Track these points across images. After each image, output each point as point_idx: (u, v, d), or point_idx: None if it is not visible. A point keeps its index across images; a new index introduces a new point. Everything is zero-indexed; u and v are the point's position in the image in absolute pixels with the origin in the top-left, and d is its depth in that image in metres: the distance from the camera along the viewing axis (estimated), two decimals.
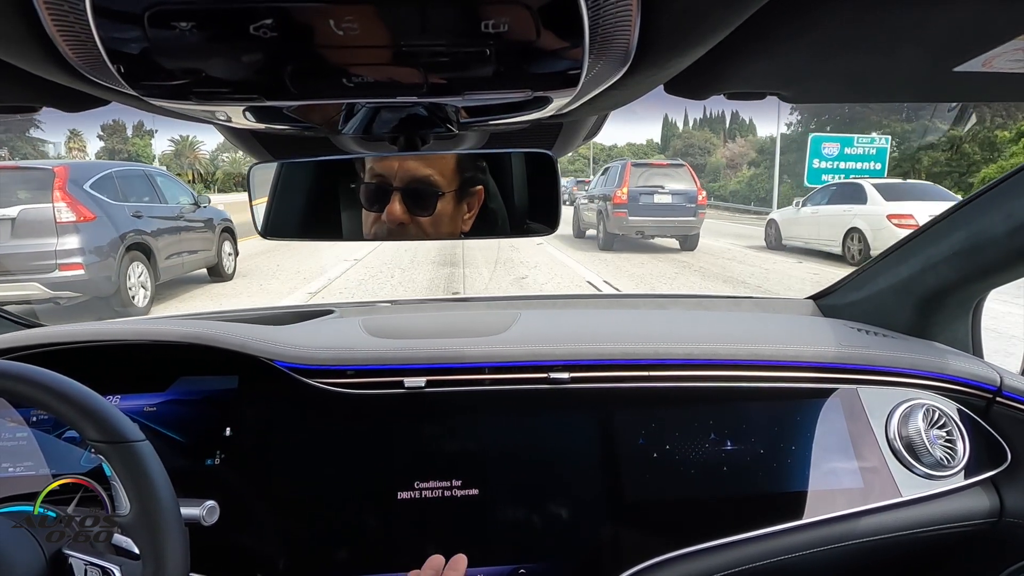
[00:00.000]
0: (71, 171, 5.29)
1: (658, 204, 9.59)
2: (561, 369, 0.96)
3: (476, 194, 0.71)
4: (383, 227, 0.69)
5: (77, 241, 5.00)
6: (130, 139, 45.70)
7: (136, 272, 5.60)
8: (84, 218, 5.10)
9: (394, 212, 0.68)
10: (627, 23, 0.38)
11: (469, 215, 0.71)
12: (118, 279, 5.28)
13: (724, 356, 0.98)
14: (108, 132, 45.69)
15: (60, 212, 4.98)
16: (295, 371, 0.93)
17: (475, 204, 0.71)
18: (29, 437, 0.89)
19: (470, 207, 0.71)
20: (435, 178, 0.68)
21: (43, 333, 0.99)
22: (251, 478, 0.90)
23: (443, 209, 0.69)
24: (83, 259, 5.01)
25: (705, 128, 52.84)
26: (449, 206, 0.70)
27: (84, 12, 0.34)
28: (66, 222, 5.00)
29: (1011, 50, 0.48)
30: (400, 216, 0.68)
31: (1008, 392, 1.00)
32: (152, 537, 0.60)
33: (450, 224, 0.70)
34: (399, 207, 0.68)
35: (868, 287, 1.23)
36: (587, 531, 0.90)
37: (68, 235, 4.99)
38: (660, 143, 67.22)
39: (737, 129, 51.50)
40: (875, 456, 0.95)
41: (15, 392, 0.61)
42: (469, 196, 0.70)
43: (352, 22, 0.36)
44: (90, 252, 5.07)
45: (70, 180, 5.13)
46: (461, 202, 0.70)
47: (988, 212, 0.97)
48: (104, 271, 5.17)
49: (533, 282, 6.85)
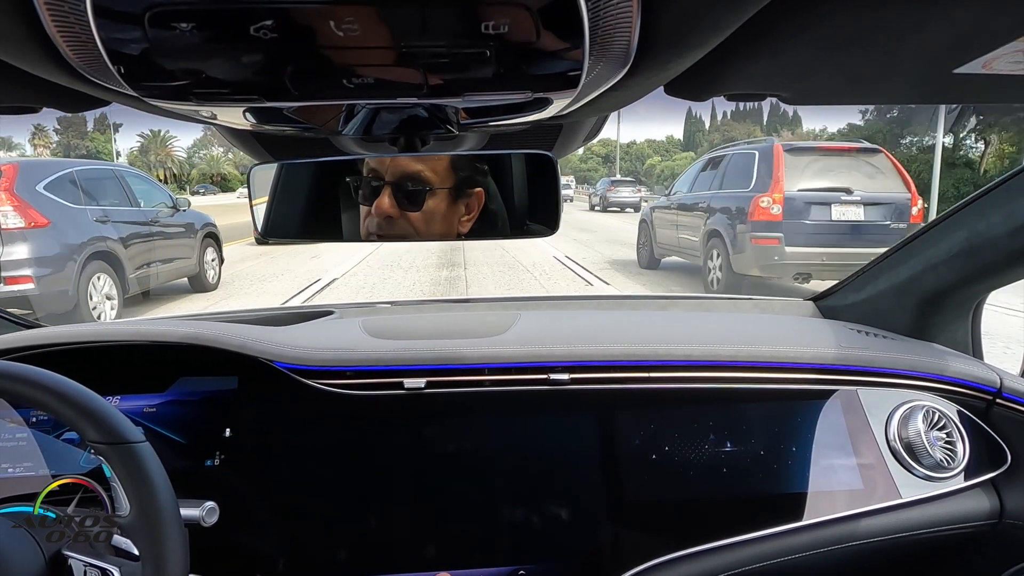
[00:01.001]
0: (20, 170, 4.62)
1: (841, 223, 5.27)
2: (561, 370, 0.96)
3: (475, 196, 0.70)
4: (374, 222, 0.69)
5: (26, 250, 4.35)
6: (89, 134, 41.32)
7: (101, 285, 4.94)
8: (35, 224, 4.45)
9: (382, 205, 0.68)
10: (627, 24, 0.38)
11: (467, 217, 0.70)
12: (76, 293, 4.61)
13: (724, 357, 0.98)
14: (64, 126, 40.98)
15: (6, 217, 4.33)
16: (295, 372, 0.93)
17: (475, 207, 0.70)
18: (29, 438, 0.89)
19: (469, 209, 0.70)
20: (425, 174, 0.68)
21: (43, 334, 0.99)
22: (251, 479, 0.90)
23: (435, 206, 0.69)
24: (33, 271, 4.37)
25: (747, 120, 48.64)
26: (442, 204, 0.69)
27: (84, 13, 0.34)
28: (13, 228, 4.36)
29: (1011, 52, 0.48)
30: (388, 209, 0.68)
31: (1008, 394, 1.00)
32: (152, 538, 0.60)
33: (443, 224, 0.70)
34: (387, 200, 0.68)
35: (868, 288, 1.23)
36: (587, 532, 0.90)
37: (15, 244, 4.34)
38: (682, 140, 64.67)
39: (778, 122, 47.84)
40: (875, 457, 0.95)
41: (15, 393, 0.61)
42: (467, 197, 0.70)
43: (352, 23, 0.36)
44: (42, 263, 4.41)
45: (19, 180, 4.46)
46: (457, 202, 0.70)
47: (988, 213, 0.97)
48: (59, 284, 4.52)
49: None
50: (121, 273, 5.22)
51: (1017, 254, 0.95)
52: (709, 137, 52.09)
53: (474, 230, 0.71)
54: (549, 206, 0.71)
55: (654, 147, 65.70)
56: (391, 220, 0.69)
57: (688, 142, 61.82)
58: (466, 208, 0.70)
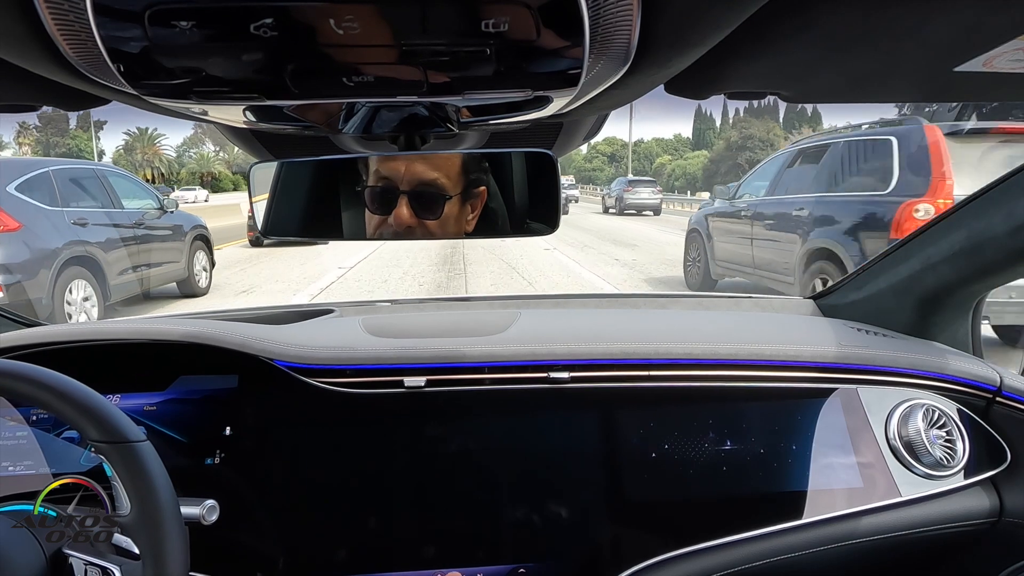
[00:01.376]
0: None
1: None
2: (561, 369, 0.96)
3: (480, 195, 0.71)
4: (388, 229, 0.70)
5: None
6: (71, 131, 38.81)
7: (79, 291, 4.65)
8: (4, 228, 4.20)
9: (402, 216, 0.69)
10: (627, 22, 0.38)
11: (473, 216, 0.71)
12: (52, 301, 4.31)
13: (724, 356, 0.98)
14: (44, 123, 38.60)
15: None
16: (295, 370, 0.94)
17: (478, 205, 0.71)
18: (29, 436, 0.89)
19: (473, 208, 0.71)
20: (442, 181, 0.68)
21: (43, 332, 0.99)
22: (251, 477, 0.90)
23: (449, 212, 0.70)
24: (2, 278, 4.09)
25: (765, 116, 46.02)
26: (455, 208, 0.70)
27: (85, 11, 0.34)
28: None
29: (1011, 50, 0.48)
30: (408, 220, 0.69)
31: (1008, 392, 1.00)
32: (152, 537, 0.60)
33: (455, 225, 0.71)
34: (407, 211, 0.68)
35: (868, 287, 1.23)
36: (587, 531, 0.90)
37: None
38: (692, 138, 63.47)
39: (796, 119, 46.55)
40: (875, 456, 0.95)
41: (15, 391, 0.61)
42: (473, 198, 0.71)
43: (352, 21, 0.36)
44: (13, 269, 4.11)
45: None
46: (466, 204, 0.71)
47: (988, 212, 0.97)
48: (32, 292, 4.19)
49: None
50: (102, 279, 4.92)
51: (1017, 252, 0.95)
52: (726, 135, 50.96)
53: (476, 228, 0.72)
54: (549, 205, 0.71)
55: (662, 145, 65.12)
56: (410, 228, 0.70)
57: (698, 140, 61.03)
58: (471, 208, 0.71)
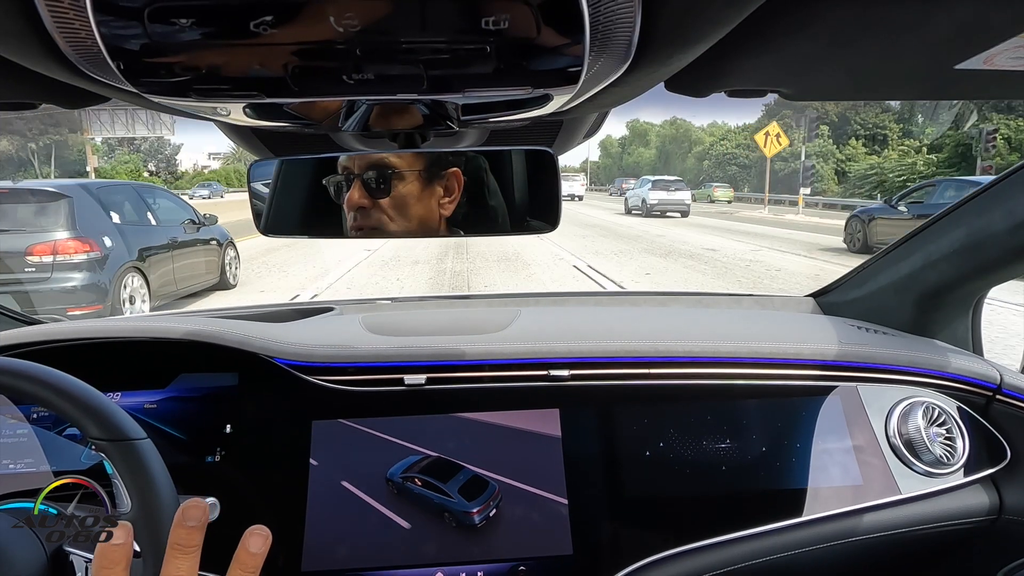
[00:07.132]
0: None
1: None
2: (561, 366, 0.96)
3: (453, 176, 0.68)
4: (351, 216, 0.69)
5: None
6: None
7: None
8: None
9: (352, 196, 0.68)
10: (628, 20, 0.38)
11: (449, 200, 0.68)
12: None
13: (725, 354, 0.98)
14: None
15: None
16: (295, 368, 0.94)
17: (455, 188, 0.68)
18: (29, 434, 0.89)
19: (449, 191, 0.68)
20: (390, 159, 0.67)
21: (44, 330, 0.99)
22: (251, 475, 0.90)
23: (406, 190, 0.68)
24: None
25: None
26: (413, 187, 0.68)
27: (84, 8, 0.34)
28: None
29: (1012, 47, 0.48)
30: (358, 199, 0.67)
31: (1008, 390, 1.00)
32: (153, 535, 0.60)
33: (419, 206, 0.68)
34: (357, 192, 0.68)
35: (868, 285, 1.23)
36: (587, 528, 0.90)
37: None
38: None
39: None
40: (874, 453, 0.95)
41: (16, 389, 0.61)
42: (441, 178, 0.68)
43: (352, 19, 0.36)
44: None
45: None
46: (432, 184, 0.68)
47: (989, 209, 0.97)
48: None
49: None
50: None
51: (1018, 250, 0.95)
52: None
53: (475, 226, 0.71)
54: (550, 202, 0.71)
55: None
56: (364, 210, 0.68)
57: None
58: (445, 190, 0.68)
